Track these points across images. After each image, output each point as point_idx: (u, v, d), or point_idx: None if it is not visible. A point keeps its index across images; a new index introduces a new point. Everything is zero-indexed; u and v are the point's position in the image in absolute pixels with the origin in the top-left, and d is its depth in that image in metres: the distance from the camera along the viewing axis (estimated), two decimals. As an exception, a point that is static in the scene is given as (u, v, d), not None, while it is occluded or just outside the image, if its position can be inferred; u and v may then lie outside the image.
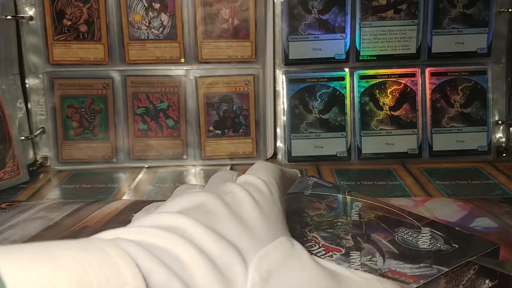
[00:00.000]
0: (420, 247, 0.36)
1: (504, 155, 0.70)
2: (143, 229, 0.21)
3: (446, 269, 0.33)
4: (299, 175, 0.39)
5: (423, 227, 0.39)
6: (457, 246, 0.36)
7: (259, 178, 0.29)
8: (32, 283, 0.16)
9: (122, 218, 0.50)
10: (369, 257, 0.34)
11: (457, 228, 0.39)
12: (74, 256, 0.17)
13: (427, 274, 0.32)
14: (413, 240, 0.37)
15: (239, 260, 0.22)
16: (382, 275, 0.32)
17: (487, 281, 0.35)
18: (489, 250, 0.35)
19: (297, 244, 0.25)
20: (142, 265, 0.19)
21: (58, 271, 0.16)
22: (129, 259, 0.18)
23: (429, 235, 0.38)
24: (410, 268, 0.33)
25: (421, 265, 0.33)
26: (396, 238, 0.37)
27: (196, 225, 0.22)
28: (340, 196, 0.45)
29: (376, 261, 0.34)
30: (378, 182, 0.61)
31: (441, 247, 0.36)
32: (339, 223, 0.40)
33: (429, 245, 0.36)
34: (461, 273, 0.34)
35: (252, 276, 0.22)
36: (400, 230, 0.38)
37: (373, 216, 0.41)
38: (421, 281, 0.31)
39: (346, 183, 0.61)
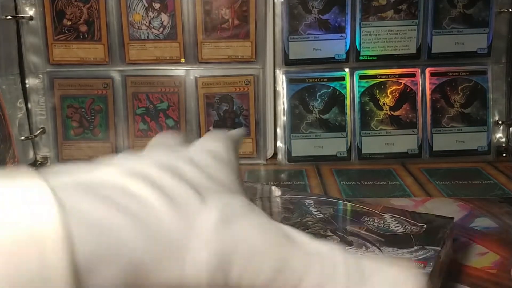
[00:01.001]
0: (398, 232, 0.36)
1: (504, 155, 0.70)
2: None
3: (439, 248, 0.33)
4: (244, 133, 0.37)
5: (382, 213, 0.39)
6: (425, 226, 0.37)
7: (213, 145, 0.27)
8: None
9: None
10: (363, 249, 0.34)
11: (409, 210, 0.40)
12: None
13: (429, 256, 0.32)
14: (385, 226, 0.37)
15: (196, 195, 0.21)
16: None
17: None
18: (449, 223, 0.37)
19: (256, 206, 0.25)
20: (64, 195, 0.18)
21: None
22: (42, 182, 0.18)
23: (394, 220, 0.38)
24: (410, 253, 0.33)
25: (415, 248, 0.33)
26: (369, 227, 0.37)
27: (153, 166, 0.21)
28: (291, 196, 0.44)
29: (374, 250, 0.34)
30: (378, 182, 0.61)
31: (414, 229, 0.36)
32: (310, 222, 0.39)
33: (403, 229, 0.36)
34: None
35: (209, 214, 0.21)
36: (365, 219, 0.38)
37: (332, 210, 0.40)
38: (431, 263, 0.32)
39: (346, 183, 0.61)
